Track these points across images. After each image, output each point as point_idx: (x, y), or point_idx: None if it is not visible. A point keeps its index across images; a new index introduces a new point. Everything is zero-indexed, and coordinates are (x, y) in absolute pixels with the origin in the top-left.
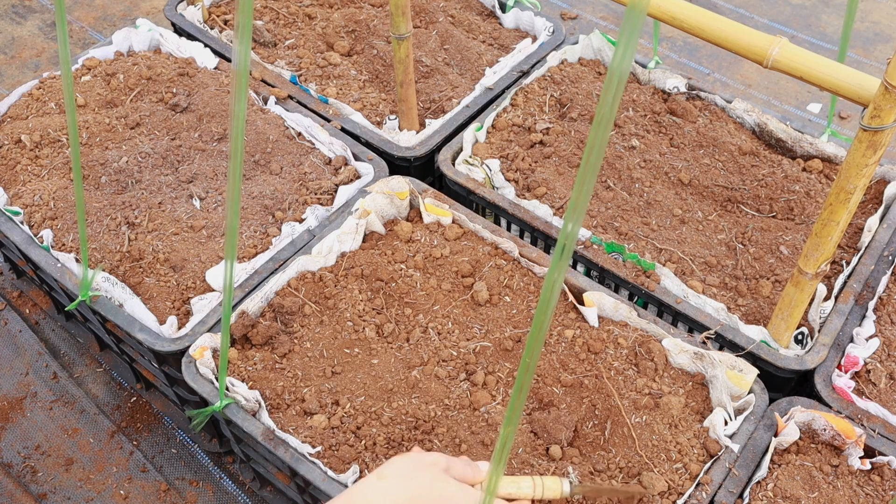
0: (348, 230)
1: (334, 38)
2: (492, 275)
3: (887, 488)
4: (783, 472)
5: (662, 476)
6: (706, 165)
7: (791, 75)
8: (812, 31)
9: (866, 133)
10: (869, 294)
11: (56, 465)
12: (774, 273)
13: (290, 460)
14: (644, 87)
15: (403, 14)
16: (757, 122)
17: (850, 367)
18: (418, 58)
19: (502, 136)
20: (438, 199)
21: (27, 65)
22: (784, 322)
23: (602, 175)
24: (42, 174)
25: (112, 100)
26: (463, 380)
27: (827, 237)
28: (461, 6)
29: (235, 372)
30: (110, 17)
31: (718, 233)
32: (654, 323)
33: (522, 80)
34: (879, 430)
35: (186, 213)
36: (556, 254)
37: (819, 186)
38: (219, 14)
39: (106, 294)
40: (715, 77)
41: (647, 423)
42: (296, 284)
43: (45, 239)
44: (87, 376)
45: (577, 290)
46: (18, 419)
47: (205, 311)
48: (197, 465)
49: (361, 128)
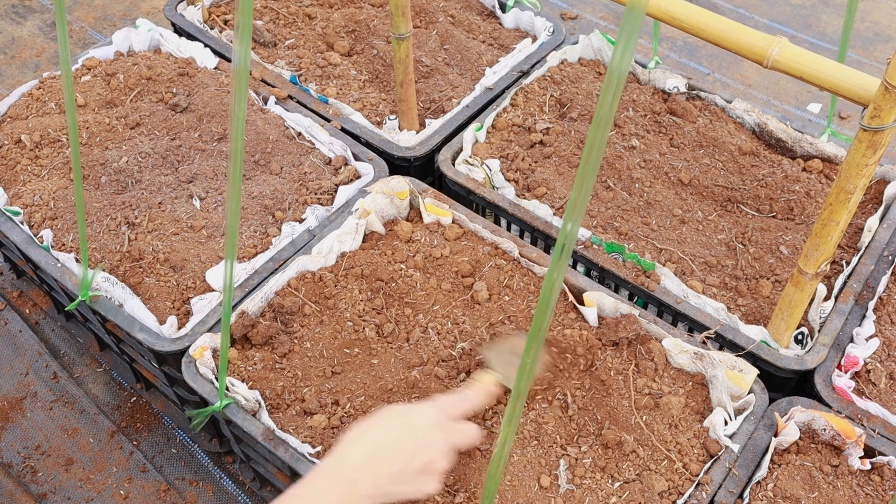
0: (348, 230)
1: (334, 38)
2: (492, 275)
3: (887, 488)
4: (783, 472)
5: (662, 476)
6: (706, 165)
7: (791, 75)
8: (812, 31)
9: (866, 133)
10: (869, 294)
11: (56, 465)
12: (774, 273)
13: (290, 460)
14: (644, 87)
15: (403, 14)
16: (757, 122)
17: (850, 367)
18: (418, 58)
19: (502, 136)
20: (438, 199)
21: (27, 65)
22: (784, 322)
23: (602, 175)
24: (42, 174)
25: (112, 100)
26: (463, 380)
27: (827, 237)
28: (461, 6)
29: (235, 372)
30: (110, 17)
31: (718, 233)
32: (654, 323)
33: (522, 80)
34: (879, 430)
35: (186, 213)
36: (555, 254)
37: (819, 186)
38: (219, 14)
39: (106, 294)
40: (715, 77)
41: (648, 423)
42: (296, 284)
43: (45, 239)
44: (87, 376)
45: (577, 290)
46: (18, 419)
47: (205, 311)
48: (197, 465)
49: (361, 128)
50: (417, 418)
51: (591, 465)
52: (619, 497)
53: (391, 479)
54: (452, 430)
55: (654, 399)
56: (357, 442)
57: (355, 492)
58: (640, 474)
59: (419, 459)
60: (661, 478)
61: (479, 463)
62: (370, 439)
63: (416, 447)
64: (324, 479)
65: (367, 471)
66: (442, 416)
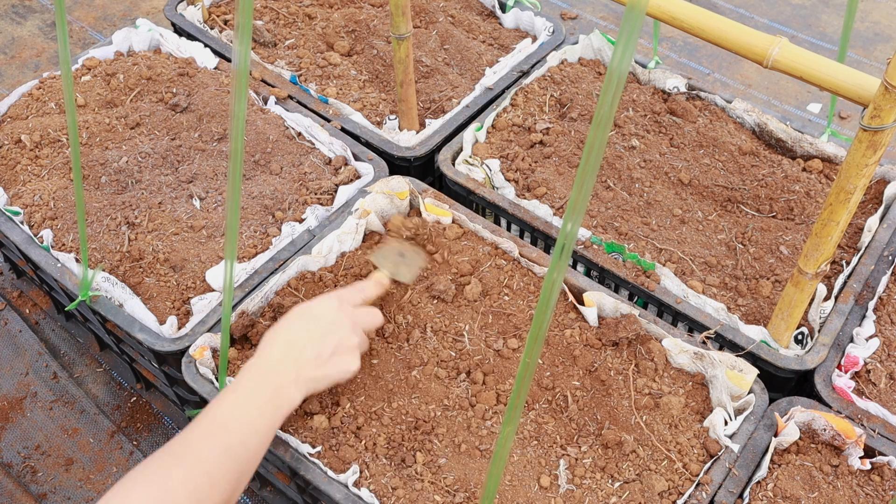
0: (348, 230)
1: (334, 38)
2: (492, 275)
3: (887, 488)
4: (783, 472)
5: (662, 476)
6: (706, 165)
7: (791, 75)
8: (812, 31)
9: (866, 133)
10: (869, 294)
11: (56, 465)
12: (774, 273)
13: (290, 460)
14: (644, 87)
15: (403, 14)
16: (757, 122)
17: (850, 367)
18: (418, 58)
19: (502, 136)
20: (438, 199)
21: (27, 65)
22: (784, 322)
23: (602, 175)
24: (42, 174)
25: (112, 100)
26: (463, 380)
27: (827, 237)
28: (461, 6)
29: (235, 372)
30: (110, 17)
31: (718, 233)
32: (654, 323)
33: (522, 80)
34: (879, 430)
35: (186, 213)
36: (555, 254)
37: (819, 186)
38: (219, 14)
39: (106, 294)
40: (715, 77)
41: (648, 423)
42: (296, 284)
43: (45, 239)
44: (87, 376)
45: (577, 290)
46: (18, 419)
47: (205, 311)
48: None
49: (361, 128)
50: (319, 308)
51: (591, 465)
52: (619, 497)
53: (310, 364)
54: (355, 314)
55: (654, 399)
56: (271, 342)
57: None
58: (640, 474)
59: (330, 341)
60: (661, 478)
61: (479, 463)
62: (281, 336)
63: (325, 331)
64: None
65: (286, 363)
66: (341, 303)
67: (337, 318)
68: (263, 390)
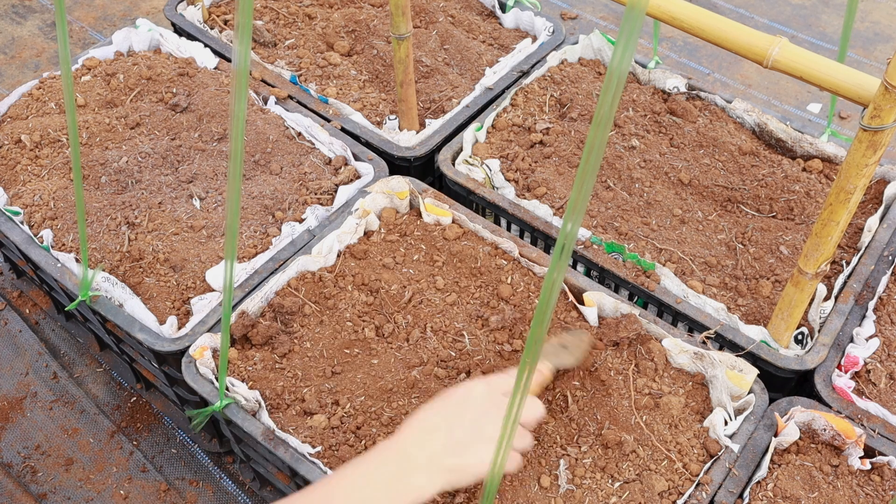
0: (348, 230)
1: (334, 38)
2: (491, 275)
3: (887, 488)
4: (783, 472)
5: (662, 476)
6: (706, 165)
7: (791, 75)
8: (812, 31)
9: (866, 133)
10: (869, 294)
11: (56, 465)
12: (774, 273)
13: (290, 460)
14: (644, 87)
15: (403, 14)
16: (757, 122)
17: (850, 367)
18: (418, 58)
19: (502, 136)
20: (438, 199)
21: (27, 65)
22: (784, 322)
23: (602, 175)
24: (42, 174)
25: (112, 100)
26: (462, 379)
27: (827, 237)
28: (461, 6)
29: (235, 372)
30: (110, 17)
31: (718, 233)
32: (654, 323)
33: (522, 80)
34: (879, 430)
35: (186, 213)
36: (555, 254)
37: (819, 186)
38: (219, 14)
39: (106, 294)
40: (715, 77)
41: (648, 423)
42: (296, 284)
43: (45, 239)
44: (87, 376)
45: (577, 289)
46: (18, 419)
47: (205, 311)
48: (197, 465)
49: (361, 128)
50: (468, 392)
51: (591, 465)
52: (619, 497)
53: (447, 449)
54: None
55: (654, 399)
56: (408, 423)
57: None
58: (640, 474)
59: (474, 430)
60: (661, 478)
61: None
62: (424, 418)
63: (471, 419)
64: (378, 456)
65: (421, 445)
66: (493, 390)
67: (485, 408)
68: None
